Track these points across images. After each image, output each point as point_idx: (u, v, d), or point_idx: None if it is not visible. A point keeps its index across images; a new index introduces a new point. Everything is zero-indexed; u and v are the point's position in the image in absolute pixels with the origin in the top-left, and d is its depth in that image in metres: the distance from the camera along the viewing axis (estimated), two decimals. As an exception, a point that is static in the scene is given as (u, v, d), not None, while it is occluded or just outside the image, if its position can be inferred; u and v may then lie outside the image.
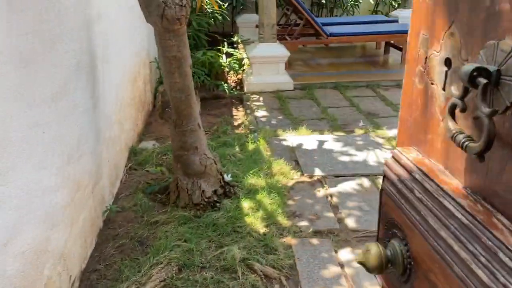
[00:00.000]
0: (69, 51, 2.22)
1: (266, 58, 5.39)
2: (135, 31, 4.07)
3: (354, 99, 5.13)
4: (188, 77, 2.57)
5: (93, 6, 2.71)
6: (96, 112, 2.67)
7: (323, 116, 4.64)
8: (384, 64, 6.48)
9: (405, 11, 8.14)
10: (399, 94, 3.90)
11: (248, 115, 4.67)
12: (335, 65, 6.41)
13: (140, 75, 4.19)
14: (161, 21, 2.27)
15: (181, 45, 2.44)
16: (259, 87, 5.44)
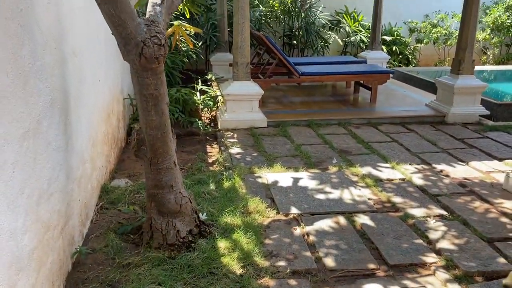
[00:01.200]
0: (43, 89, 2.18)
1: (240, 96, 5.45)
2: (109, 67, 4.05)
3: (327, 137, 5.22)
4: (165, 114, 2.55)
5: (68, 42, 2.69)
6: (69, 149, 2.59)
7: (297, 153, 4.68)
8: (354, 103, 6.67)
9: (372, 53, 8.50)
10: (370, 132, 4.05)
11: (223, 152, 4.65)
12: (307, 103, 6.55)
13: (114, 111, 4.13)
14: (139, 60, 2.27)
15: (158, 83, 2.43)
16: (233, 124, 5.46)
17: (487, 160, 4.58)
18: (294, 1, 8.77)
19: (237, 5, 5.26)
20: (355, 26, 9.30)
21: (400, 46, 9.54)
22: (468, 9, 5.69)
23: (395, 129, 5.58)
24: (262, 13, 8.75)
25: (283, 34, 9.31)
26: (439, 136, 5.32)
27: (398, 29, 9.75)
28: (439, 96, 6.19)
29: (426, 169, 4.32)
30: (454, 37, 9.61)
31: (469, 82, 5.83)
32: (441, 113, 5.95)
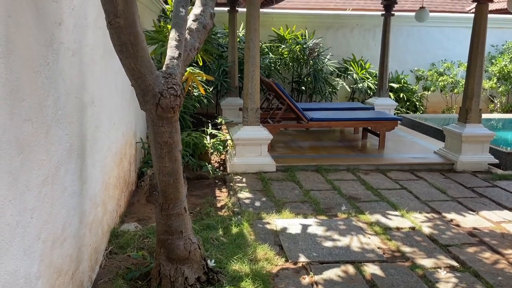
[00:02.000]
0: (63, 136, 2.27)
1: (250, 140, 5.55)
2: (124, 112, 4.19)
3: (335, 183, 5.24)
4: (178, 161, 2.62)
5: (88, 90, 2.82)
6: (83, 194, 2.65)
7: (305, 199, 4.70)
8: (363, 149, 6.73)
9: (380, 99, 8.65)
10: (379, 178, 4.08)
11: (232, 197, 4.68)
12: (316, 148, 6.62)
13: (126, 155, 4.23)
14: (156, 110, 2.37)
15: (173, 131, 2.52)
16: (242, 168, 5.52)
17: (497, 209, 4.54)
18: (302, 49, 9.05)
19: (248, 54, 5.47)
20: (362, 73, 9.53)
21: (407, 93, 9.70)
22: (473, 59, 5.85)
23: (404, 176, 5.59)
24: (272, 60, 9.02)
25: (292, 80, 9.55)
26: (449, 184, 5.32)
27: (405, 76, 9.95)
28: (448, 144, 6.23)
29: (436, 218, 4.30)
30: (461, 85, 9.77)
31: (477, 131, 5.89)
32: (450, 161, 5.97)
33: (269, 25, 9.33)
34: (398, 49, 9.88)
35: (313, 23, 9.76)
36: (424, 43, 10.26)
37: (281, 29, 9.43)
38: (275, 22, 9.50)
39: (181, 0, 2.65)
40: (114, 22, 2.06)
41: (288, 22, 9.56)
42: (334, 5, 16.18)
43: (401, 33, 10.01)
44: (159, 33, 5.47)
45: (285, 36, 9.30)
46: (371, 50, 9.98)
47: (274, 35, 9.47)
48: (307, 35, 9.43)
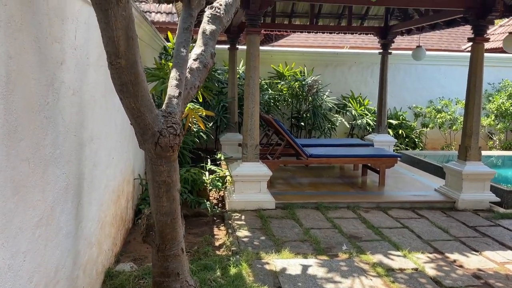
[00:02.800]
0: (60, 175, 2.24)
1: (249, 176, 5.50)
2: (123, 149, 4.17)
3: (336, 221, 5.15)
4: (176, 201, 2.58)
5: (87, 128, 2.81)
6: (78, 234, 2.59)
7: (306, 237, 4.60)
8: (363, 186, 6.68)
9: (379, 136, 8.68)
10: (380, 216, 4.02)
11: (230, 235, 4.59)
12: (315, 185, 6.57)
13: (124, 192, 4.17)
14: (155, 148, 2.35)
15: (172, 170, 2.49)
16: (241, 205, 5.45)
17: (501, 250, 4.45)
18: (301, 86, 9.17)
19: (247, 91, 5.52)
20: (361, 109, 9.61)
21: (406, 130, 9.74)
22: (471, 98, 5.90)
23: (405, 214, 5.52)
24: (271, 96, 9.11)
25: (291, 116, 9.61)
26: (451, 223, 5.24)
27: (404, 113, 10.03)
28: (448, 181, 6.19)
29: (439, 258, 4.20)
30: (459, 122, 9.83)
31: (477, 169, 5.86)
32: (451, 199, 5.91)
33: (269, 62, 9.49)
34: (396, 86, 10.00)
35: (311, 61, 9.93)
36: (421, 81, 10.41)
37: (280, 66, 9.58)
38: (275, 59, 9.67)
39: (182, 41, 2.69)
40: (116, 63, 2.08)
41: (287, 59, 9.73)
42: (332, 43, 16.57)
43: (398, 70, 10.17)
44: (160, 70, 5.54)
45: (284, 73, 9.44)
46: (369, 87, 10.11)
47: (273, 72, 9.61)
48: (306, 72, 9.57)
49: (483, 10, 5.66)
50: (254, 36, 5.44)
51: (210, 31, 3.02)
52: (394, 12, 8.71)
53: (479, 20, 5.71)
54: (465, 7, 5.75)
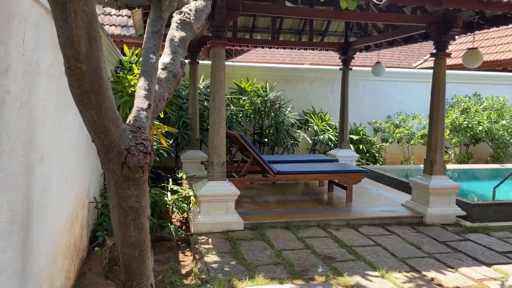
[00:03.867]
0: (4, 204, 1.84)
1: (216, 196, 5.18)
2: (78, 170, 3.73)
3: (308, 240, 4.92)
4: (145, 230, 2.23)
5: (37, 147, 2.41)
6: (26, 272, 2.17)
7: (279, 260, 4.33)
8: (331, 202, 6.53)
9: (342, 151, 8.64)
10: (351, 234, 3.78)
11: (198, 261, 4.22)
12: (283, 203, 6.34)
13: (78, 218, 3.72)
14: (122, 169, 2.01)
15: (141, 194, 2.15)
16: (207, 227, 5.10)
17: (475, 265, 4.39)
18: (263, 102, 9.00)
19: (213, 106, 5.23)
20: (322, 125, 9.57)
21: (366, 145, 9.80)
22: (435, 112, 5.95)
23: (376, 231, 5.39)
24: (233, 112, 8.87)
25: (253, 132, 9.40)
26: (421, 239, 5.16)
27: (364, 128, 10.11)
28: (415, 196, 6.17)
29: (417, 277, 4.06)
30: (417, 137, 10.03)
31: (443, 183, 5.88)
32: (418, 214, 5.87)
33: (230, 77, 9.26)
34: (355, 102, 10.09)
35: (273, 76, 9.82)
36: (380, 97, 10.58)
37: (242, 81, 9.39)
38: (236, 75, 9.47)
39: (151, 46, 2.38)
40: (75, 68, 1.74)
41: (248, 74, 9.56)
42: (290, 59, 16.70)
43: (357, 86, 10.28)
44: (118, 83, 5.15)
45: (246, 88, 9.25)
46: (329, 102, 10.13)
47: (235, 87, 9.39)
48: (267, 88, 9.43)
49: (445, 26, 5.76)
50: (219, 48, 5.19)
51: (180, 38, 2.72)
52: (353, 29, 8.81)
53: (441, 36, 5.80)
54: (427, 22, 5.83)
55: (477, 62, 6.28)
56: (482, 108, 10.52)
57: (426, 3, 4.92)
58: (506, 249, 4.84)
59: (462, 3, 4.86)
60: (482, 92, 11.01)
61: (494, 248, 4.87)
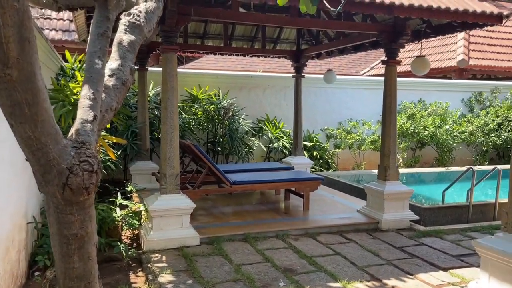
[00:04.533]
0: None
1: (170, 211, 4.89)
2: (12, 188, 3.34)
3: (267, 253, 4.76)
4: (92, 259, 1.95)
5: (-40, 167, 2.06)
6: None
7: (238, 276, 4.13)
8: (288, 211, 6.42)
9: (296, 158, 8.61)
10: (310, 244, 3.64)
11: (151, 282, 3.92)
12: (240, 214, 6.14)
13: (15, 242, 3.32)
14: (63, 192, 1.73)
15: (86, 220, 1.87)
16: (160, 244, 4.80)
17: (432, 271, 4.43)
18: (217, 109, 8.80)
19: (165, 114, 4.96)
20: (277, 132, 9.51)
21: (320, 151, 9.86)
22: (388, 118, 6.03)
23: (334, 239, 5.34)
24: (185, 121, 8.58)
25: (207, 140, 9.15)
26: (379, 245, 5.16)
27: (317, 135, 10.17)
28: (370, 202, 6.20)
29: (378, 286, 4.02)
30: (367, 143, 10.23)
31: (397, 188, 5.95)
32: (374, 220, 5.90)
33: (182, 84, 8.94)
34: (308, 108, 10.13)
35: (226, 84, 9.64)
36: (331, 103, 10.70)
37: (194, 88, 9.13)
38: (188, 82, 9.19)
39: (96, 50, 2.12)
40: (4, 74, 1.46)
41: (201, 82, 9.32)
42: (242, 67, 16.64)
43: (309, 93, 10.34)
44: (59, 92, 4.75)
45: (198, 96, 9.00)
46: (283, 109, 10.10)
47: (186, 95, 9.11)
48: (221, 95, 9.23)
49: (395, 34, 5.87)
50: (170, 54, 4.94)
51: (129, 42, 2.47)
52: (305, 37, 8.85)
53: (391, 44, 5.90)
54: (378, 31, 5.91)
55: (425, 69, 6.46)
56: (427, 113, 10.94)
57: (378, 11, 4.96)
58: (460, 252, 4.95)
59: (412, 11, 4.95)
60: (426, 98, 11.46)
61: (448, 252, 4.96)
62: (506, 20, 5.20)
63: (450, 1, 5.09)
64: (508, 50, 14.05)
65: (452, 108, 11.40)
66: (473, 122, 11.07)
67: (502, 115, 11.40)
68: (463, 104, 11.92)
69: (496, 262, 3.36)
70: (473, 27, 5.60)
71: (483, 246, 3.46)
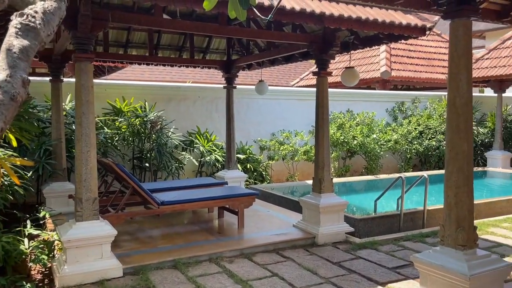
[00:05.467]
0: None
1: (87, 240, 4.32)
2: None
3: (199, 280, 4.37)
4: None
5: None
6: None
7: (167, 311, 3.69)
8: (221, 230, 6.07)
9: (230, 172, 8.30)
10: (246, 265, 3.22)
11: (64, 328, 3.36)
12: (170, 237, 5.67)
13: None
14: None
15: None
16: (76, 279, 4.21)
17: (371, 286, 4.31)
18: (143, 123, 8.24)
19: (80, 131, 4.40)
20: (208, 145, 9.13)
21: (253, 164, 9.64)
22: (321, 129, 5.94)
23: (271, 259, 5.07)
24: (108, 136, 7.92)
25: (132, 156, 8.53)
26: (316, 262, 4.98)
27: (250, 147, 9.95)
28: (305, 216, 6.05)
29: (318, 309, 3.79)
30: (300, 153, 10.21)
31: (332, 200, 5.85)
32: (311, 234, 5.74)
33: (103, 97, 8.31)
34: (240, 120, 9.91)
35: (153, 95, 9.11)
36: (264, 115, 10.57)
37: (117, 101, 8.49)
38: (110, 94, 8.54)
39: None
40: None
41: (125, 93, 8.70)
42: (170, 78, 16.09)
43: (241, 105, 10.12)
44: None
45: (122, 109, 8.37)
46: (214, 122, 9.77)
47: (109, 108, 8.44)
48: (147, 108, 8.68)
49: (325, 45, 5.81)
50: (85, 63, 4.41)
51: (20, 48, 2.01)
52: (235, 47, 8.63)
53: (322, 55, 5.84)
54: (309, 41, 5.82)
55: (354, 80, 6.50)
56: (355, 123, 11.21)
57: (309, 21, 4.84)
58: (395, 264, 4.91)
59: (342, 22, 4.90)
60: (354, 108, 11.76)
61: (384, 264, 4.90)
62: (429, 32, 5.33)
63: (378, 13, 5.12)
64: (426, 62, 14.98)
65: (378, 117, 11.79)
66: (397, 131, 11.53)
67: (423, 123, 12.01)
68: (388, 113, 12.39)
69: (435, 277, 3.27)
70: (399, 39, 5.71)
71: (422, 261, 3.37)
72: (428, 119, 12.10)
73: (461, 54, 3.18)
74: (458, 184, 3.21)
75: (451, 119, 3.23)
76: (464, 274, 3.00)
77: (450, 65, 3.27)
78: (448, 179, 3.28)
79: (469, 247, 3.20)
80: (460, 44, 3.18)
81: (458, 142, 3.20)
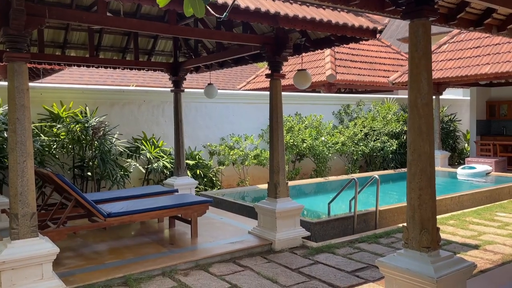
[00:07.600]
0: None
1: (24, 261, 3.84)
2: None
3: (154, 297, 4.05)
4: None
5: None
6: None
7: (119, 336, 3.35)
8: (174, 241, 5.74)
9: (180, 179, 7.97)
10: (203, 278, 2.88)
11: None
12: (119, 251, 5.26)
13: None
14: None
15: None
16: (13, 306, 3.73)
17: (333, 292, 4.23)
18: (84, 129, 7.69)
19: (14, 139, 3.92)
20: (156, 152, 8.72)
21: (203, 169, 9.36)
22: (275, 133, 5.82)
23: (228, 269, 4.85)
24: (45, 143, 7.30)
25: (73, 165, 7.93)
26: (275, 270, 4.83)
27: (199, 152, 9.66)
28: (261, 221, 5.89)
29: (283, 320, 3.63)
30: (250, 157, 10.06)
31: (288, 205, 5.75)
32: (267, 241, 5.59)
33: (39, 101, 7.66)
34: (189, 125, 9.59)
35: (94, 100, 8.55)
36: (213, 119, 10.33)
37: (54, 106, 7.86)
38: (46, 98, 7.89)
39: None
40: None
41: (62, 98, 8.09)
42: (112, 81, 15.35)
43: (189, 109, 9.81)
44: None
45: (61, 114, 7.77)
46: (161, 127, 9.37)
47: (45, 113, 7.80)
48: (88, 113, 8.12)
49: (277, 47, 5.71)
50: (19, 64, 3.94)
51: None
52: (182, 49, 8.33)
53: (275, 57, 5.73)
54: (261, 43, 5.69)
55: (306, 83, 6.46)
56: (304, 126, 11.27)
57: (263, 21, 4.70)
58: (354, 267, 4.88)
59: (297, 23, 4.81)
60: (302, 111, 11.83)
61: (343, 268, 4.85)
62: (379, 35, 5.39)
63: (330, 14, 5.10)
64: (368, 66, 15.48)
65: (325, 120, 11.96)
66: (344, 133, 11.75)
67: (367, 125, 12.35)
68: (334, 116, 12.62)
69: (401, 281, 3.23)
70: (350, 41, 5.73)
71: (387, 265, 3.32)
72: (372, 121, 12.46)
73: (421, 55, 3.18)
74: (421, 186, 3.19)
75: (413, 120, 3.22)
76: (431, 277, 2.98)
77: (410, 66, 3.25)
78: (411, 181, 3.26)
79: (433, 249, 3.19)
80: (420, 45, 3.17)
81: (421, 144, 3.18)
